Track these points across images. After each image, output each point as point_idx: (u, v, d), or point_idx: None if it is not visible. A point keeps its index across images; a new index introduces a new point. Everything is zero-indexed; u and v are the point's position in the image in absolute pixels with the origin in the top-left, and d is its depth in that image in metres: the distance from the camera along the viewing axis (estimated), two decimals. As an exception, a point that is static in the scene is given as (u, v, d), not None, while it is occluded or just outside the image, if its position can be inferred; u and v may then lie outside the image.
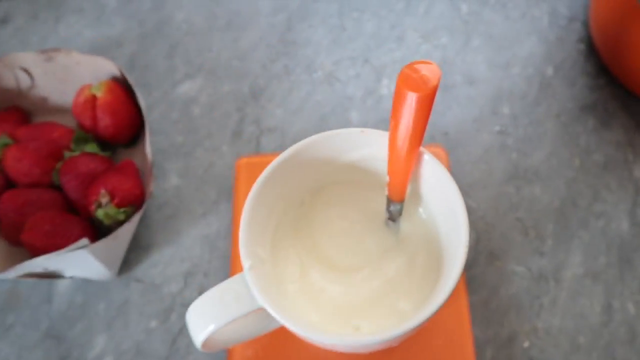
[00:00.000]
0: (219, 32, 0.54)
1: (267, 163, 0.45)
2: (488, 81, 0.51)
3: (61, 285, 0.45)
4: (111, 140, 0.47)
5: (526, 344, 0.41)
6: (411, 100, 0.28)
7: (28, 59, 0.48)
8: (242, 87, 0.52)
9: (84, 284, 0.45)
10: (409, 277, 0.35)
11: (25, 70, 0.48)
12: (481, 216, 0.45)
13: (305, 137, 0.48)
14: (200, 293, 0.44)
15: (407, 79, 0.28)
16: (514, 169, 0.47)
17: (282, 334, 0.40)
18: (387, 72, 0.51)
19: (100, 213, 0.41)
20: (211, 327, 0.31)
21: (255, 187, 0.32)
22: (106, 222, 0.42)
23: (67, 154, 0.45)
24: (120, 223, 0.42)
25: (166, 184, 0.48)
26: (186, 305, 0.43)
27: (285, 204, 0.36)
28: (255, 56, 0.53)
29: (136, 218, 0.42)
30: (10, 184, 0.45)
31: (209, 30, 0.55)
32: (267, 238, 0.34)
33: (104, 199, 0.41)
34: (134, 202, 0.43)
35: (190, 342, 0.42)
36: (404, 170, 0.32)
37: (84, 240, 0.38)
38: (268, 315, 0.34)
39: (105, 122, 0.46)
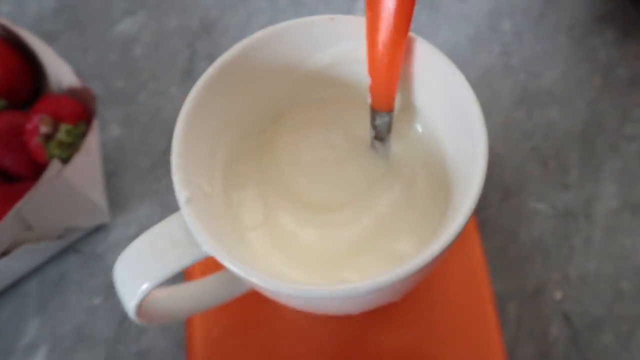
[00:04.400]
0: (163, -39, 0.46)
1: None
2: (483, -5, 0.43)
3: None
4: (10, 97, 0.38)
5: (558, 296, 0.33)
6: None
7: None
8: (192, 21, 0.43)
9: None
10: (407, 212, 0.27)
11: None
12: (489, 147, 0.37)
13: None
14: (150, 262, 0.36)
15: None
16: (523, 91, 0.39)
17: (256, 303, 0.32)
18: (364, -8, 0.43)
19: (52, 147, 0.33)
20: (144, 287, 0.22)
21: (192, 95, 0.24)
22: (64, 154, 0.33)
23: None
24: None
25: (106, 136, 0.39)
26: (134, 278, 0.35)
27: (240, 131, 0.28)
28: (206, -15, 0.45)
29: (96, 125, 0.34)
30: None
31: (152, -40, 0.46)
32: (216, 170, 0.26)
33: (46, 126, 0.33)
34: (82, 118, 0.35)
35: (140, 322, 0.34)
36: (390, 65, 0.24)
37: (55, 164, 0.30)
38: (225, 272, 0.26)
39: None
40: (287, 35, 0.25)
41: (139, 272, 0.22)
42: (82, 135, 0.35)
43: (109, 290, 0.35)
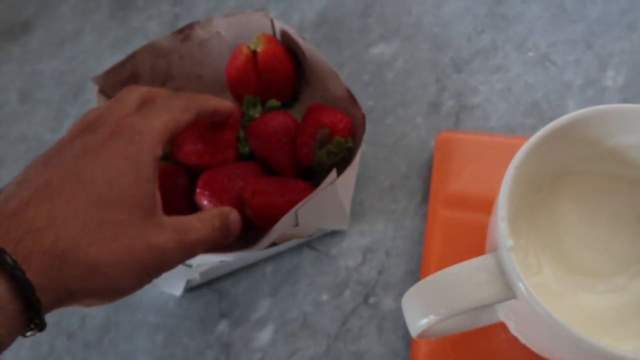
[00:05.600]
0: (420, -5, 0.49)
1: (472, 141, 0.40)
2: None
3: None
4: (278, 97, 0.43)
5: None
6: None
7: (165, 44, 0.43)
8: (443, 58, 0.46)
9: (252, 242, 0.41)
10: (674, 297, 0.28)
11: (163, 57, 0.44)
12: None
13: (512, 120, 0.43)
14: (379, 273, 0.39)
15: None
16: None
17: (475, 334, 0.34)
18: (614, 62, 0.44)
19: (321, 154, 0.38)
20: (456, 309, 0.25)
21: (519, 156, 0.27)
22: (328, 161, 0.38)
23: (245, 117, 0.42)
24: (336, 163, 0.38)
25: (351, 148, 0.43)
26: (363, 284, 0.39)
27: (524, 188, 0.30)
28: (458, 26, 0.48)
29: (362, 142, 0.37)
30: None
31: (410, -7, 0.50)
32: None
33: (324, 136, 0.38)
34: (351, 132, 0.39)
35: (363, 326, 0.37)
36: None
37: (333, 173, 0.35)
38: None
39: (272, 76, 0.42)
40: (611, 115, 0.28)
41: (452, 296, 0.25)
42: (348, 148, 0.39)
43: (337, 290, 0.39)
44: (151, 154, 0.30)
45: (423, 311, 0.26)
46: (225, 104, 0.38)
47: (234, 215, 0.34)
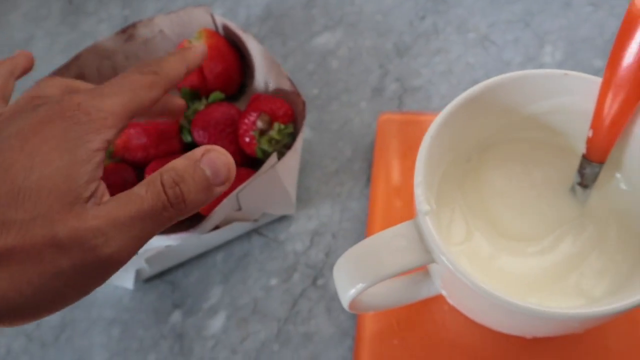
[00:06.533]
0: (362, -15, 0.50)
1: (412, 121, 0.41)
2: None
3: (178, 231, 0.42)
4: (223, 90, 0.44)
5: None
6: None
7: (108, 44, 0.44)
8: (386, 43, 0.47)
9: (203, 232, 0.41)
10: (595, 255, 0.29)
11: (108, 58, 0.44)
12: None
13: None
14: (327, 255, 0.40)
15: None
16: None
17: (419, 308, 0.35)
18: (551, 39, 0.46)
19: (263, 142, 0.38)
20: (380, 275, 0.26)
21: (434, 125, 0.28)
22: (270, 149, 0.38)
23: (190, 110, 0.42)
24: (279, 150, 0.39)
25: (297, 136, 0.44)
26: (311, 267, 0.39)
27: (452, 157, 0.31)
28: (400, 12, 0.49)
29: (304, 128, 0.38)
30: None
31: (352, -17, 0.51)
32: (434, 189, 0.29)
33: (263, 123, 0.38)
34: (291, 119, 0.39)
35: (312, 307, 0.38)
36: (615, 123, 0.27)
37: (273, 157, 0.35)
38: (426, 277, 0.30)
39: (216, 69, 0.43)
40: (522, 82, 0.28)
41: (374, 264, 0.26)
42: (289, 134, 0.39)
43: (286, 274, 0.39)
44: (98, 136, 0.25)
45: (350, 280, 0.27)
46: (194, 58, 0.32)
47: (214, 154, 0.25)
